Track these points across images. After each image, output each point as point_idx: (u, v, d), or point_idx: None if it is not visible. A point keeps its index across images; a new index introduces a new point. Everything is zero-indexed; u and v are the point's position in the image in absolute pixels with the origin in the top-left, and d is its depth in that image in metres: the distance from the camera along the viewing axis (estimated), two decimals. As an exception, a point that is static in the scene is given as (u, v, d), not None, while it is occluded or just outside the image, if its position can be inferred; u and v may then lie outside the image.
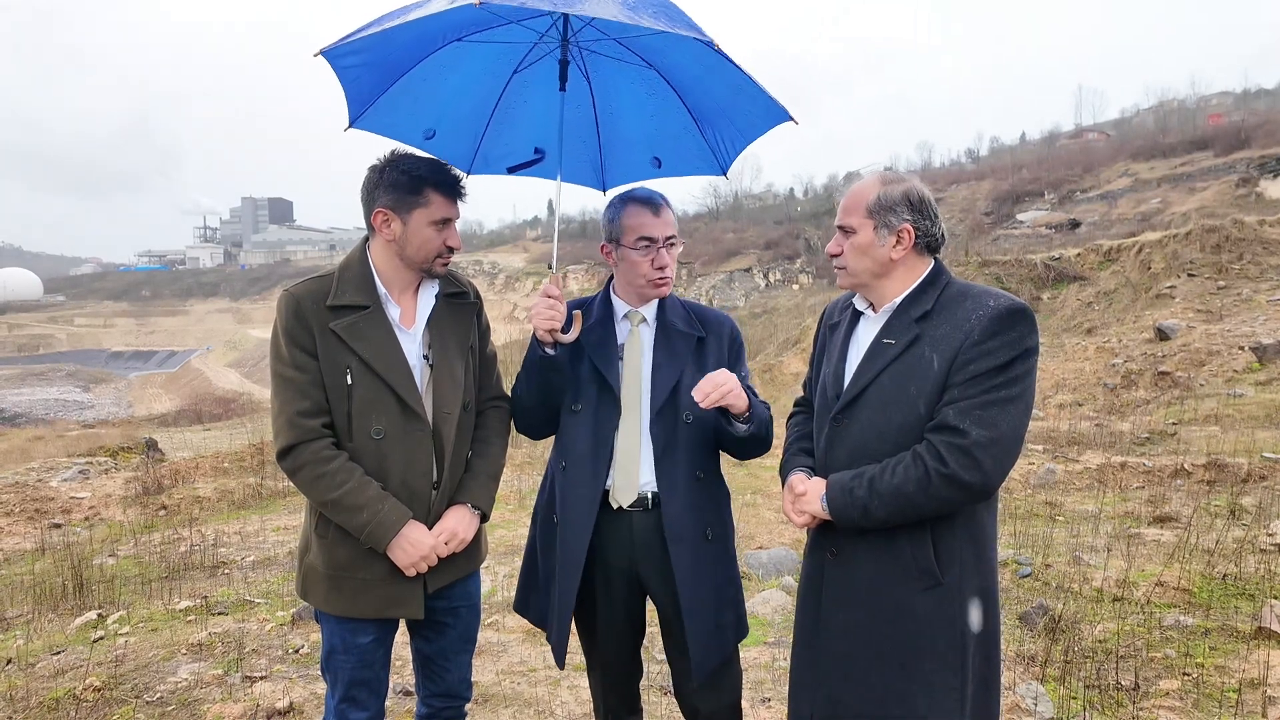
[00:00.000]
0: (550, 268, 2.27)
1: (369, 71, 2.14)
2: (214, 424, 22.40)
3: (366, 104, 2.23)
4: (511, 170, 2.47)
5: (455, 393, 2.10)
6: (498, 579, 5.06)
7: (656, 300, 2.25)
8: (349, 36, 1.93)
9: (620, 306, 2.25)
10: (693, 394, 2.00)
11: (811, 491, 1.85)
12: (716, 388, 1.98)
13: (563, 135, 2.19)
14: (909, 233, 1.82)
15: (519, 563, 5.49)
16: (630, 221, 2.17)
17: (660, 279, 2.18)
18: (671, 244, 2.18)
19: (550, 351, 2.09)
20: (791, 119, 2.14)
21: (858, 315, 1.96)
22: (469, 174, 2.46)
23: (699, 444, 2.16)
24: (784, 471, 2.05)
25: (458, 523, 2.08)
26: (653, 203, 2.19)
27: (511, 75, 2.33)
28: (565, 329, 2.12)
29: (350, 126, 2.25)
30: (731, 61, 1.89)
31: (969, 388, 1.68)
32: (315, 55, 1.95)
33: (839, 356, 1.94)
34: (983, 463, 1.64)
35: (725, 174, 2.43)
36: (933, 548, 1.74)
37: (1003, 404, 1.67)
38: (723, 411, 2.06)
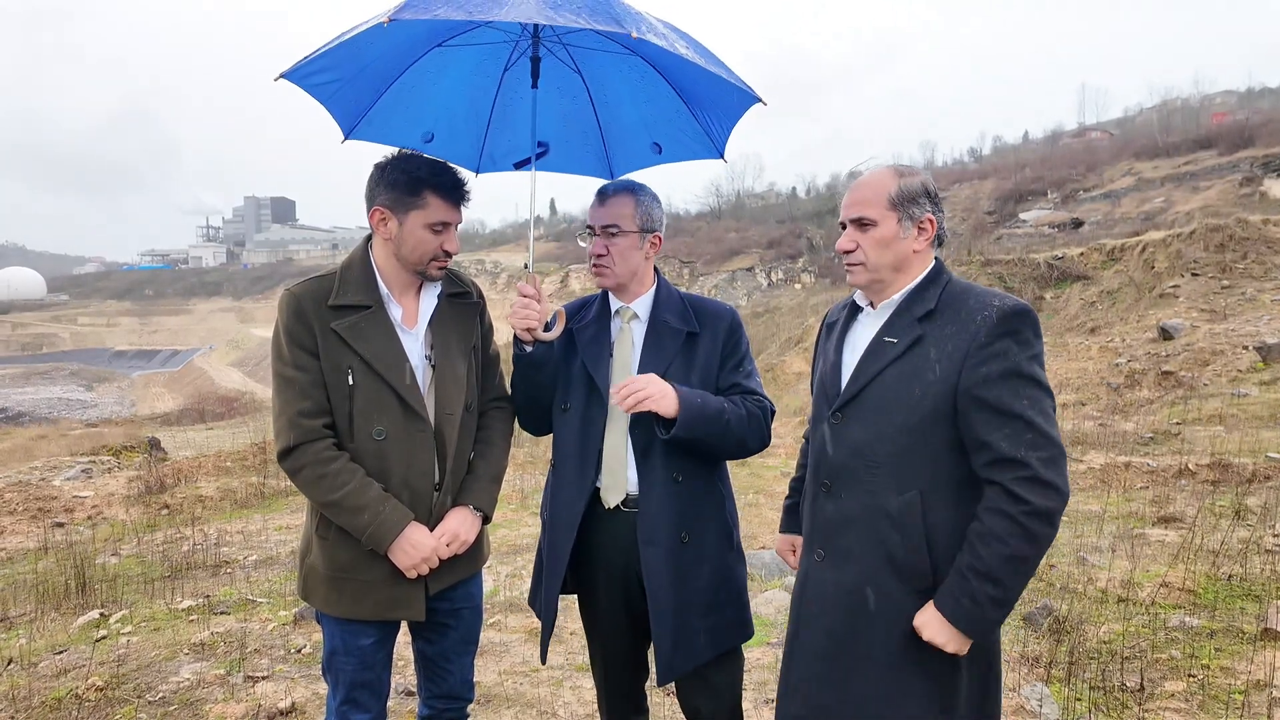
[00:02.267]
0: (526, 267, 2.25)
1: (349, 86, 2.15)
2: (216, 423, 22.44)
3: (358, 116, 2.26)
4: (518, 166, 2.47)
5: (457, 393, 2.09)
6: (499, 579, 5.05)
7: (650, 295, 2.21)
8: (306, 58, 1.96)
9: (614, 303, 2.23)
10: (612, 397, 1.97)
11: (930, 627, 1.67)
12: (633, 393, 1.92)
13: (536, 129, 2.19)
14: (931, 224, 1.79)
15: (520, 562, 5.52)
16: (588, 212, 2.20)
17: (594, 265, 2.17)
18: (611, 233, 2.13)
19: (528, 349, 2.08)
20: (759, 100, 2.11)
21: (855, 312, 1.93)
22: (477, 173, 2.48)
23: (677, 445, 2.08)
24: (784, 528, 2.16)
25: (459, 524, 2.07)
26: (602, 192, 2.19)
27: (503, 74, 2.34)
28: (549, 327, 2.11)
29: (346, 139, 2.27)
30: (668, 52, 1.83)
31: (1001, 404, 1.64)
32: (275, 80, 1.95)
33: (834, 353, 1.91)
34: (1053, 481, 1.62)
35: (723, 157, 2.38)
36: (929, 554, 1.71)
37: (1041, 412, 1.64)
38: (655, 416, 1.99)
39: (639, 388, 1.94)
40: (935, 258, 1.86)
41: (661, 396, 1.95)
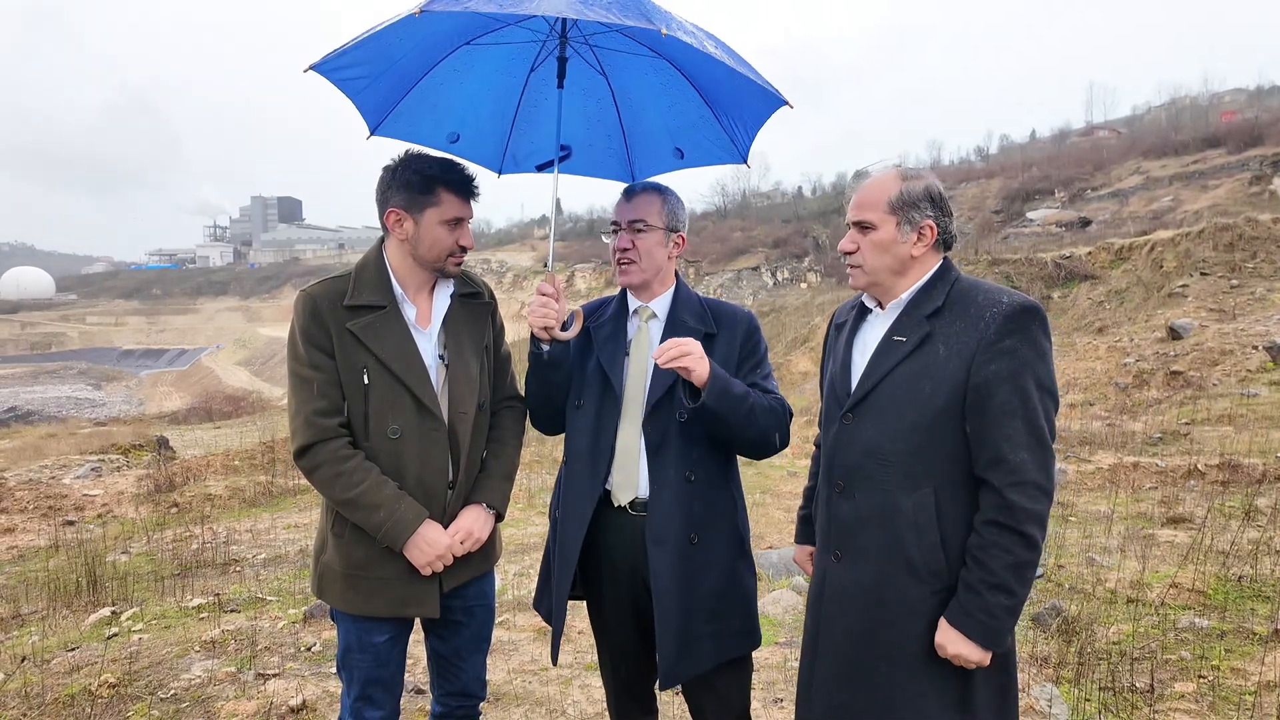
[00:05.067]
0: (546, 265, 2.26)
1: (378, 82, 2.15)
2: (224, 422, 22.54)
3: (384, 113, 2.25)
4: (540, 168, 2.46)
5: (470, 392, 2.10)
6: (508, 577, 5.07)
7: (669, 295, 2.21)
8: (335, 51, 1.96)
9: (632, 302, 2.23)
10: (653, 354, 1.96)
11: (952, 645, 1.69)
12: (677, 346, 1.91)
13: (561, 130, 2.19)
14: (931, 229, 1.79)
15: (528, 561, 5.53)
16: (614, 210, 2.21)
17: (619, 260, 2.17)
18: (638, 229, 2.13)
19: (545, 348, 2.09)
20: (786, 103, 2.10)
21: (863, 313, 1.93)
22: (499, 174, 2.48)
23: (692, 444, 2.07)
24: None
25: (473, 522, 2.08)
26: (629, 190, 2.21)
27: (529, 74, 2.33)
28: (566, 327, 2.11)
29: (371, 135, 2.26)
30: (695, 55, 1.82)
31: (1005, 403, 1.65)
32: (304, 71, 1.96)
33: (843, 355, 1.92)
34: (1043, 485, 1.65)
35: (745, 162, 2.37)
36: (943, 551, 1.72)
37: (1042, 414, 1.66)
38: (684, 385, 1.99)
39: (686, 349, 1.92)
40: (944, 257, 1.85)
41: (700, 359, 1.94)
